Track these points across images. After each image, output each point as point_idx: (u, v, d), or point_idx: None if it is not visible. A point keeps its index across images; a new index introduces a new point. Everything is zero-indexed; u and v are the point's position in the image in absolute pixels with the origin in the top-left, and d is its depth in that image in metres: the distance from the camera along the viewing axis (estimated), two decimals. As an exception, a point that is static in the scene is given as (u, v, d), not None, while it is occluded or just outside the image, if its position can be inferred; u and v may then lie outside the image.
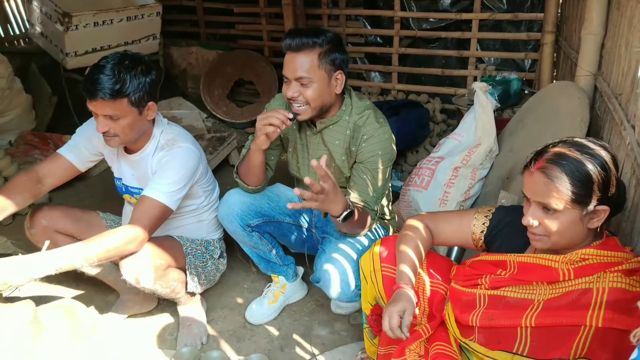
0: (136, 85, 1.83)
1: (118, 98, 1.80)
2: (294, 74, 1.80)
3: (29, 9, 3.78)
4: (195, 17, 4.84)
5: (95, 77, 1.78)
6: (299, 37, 1.78)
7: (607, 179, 1.23)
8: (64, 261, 1.72)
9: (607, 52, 2.05)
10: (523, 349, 1.25)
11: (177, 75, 4.79)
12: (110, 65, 1.80)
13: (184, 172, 1.95)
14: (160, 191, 1.89)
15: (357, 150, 1.92)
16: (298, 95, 1.82)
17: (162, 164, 1.95)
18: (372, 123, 1.91)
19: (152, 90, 1.91)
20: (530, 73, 3.64)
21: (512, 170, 2.29)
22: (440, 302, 1.56)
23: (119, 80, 1.78)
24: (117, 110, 1.82)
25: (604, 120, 1.98)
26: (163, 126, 2.05)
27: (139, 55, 1.92)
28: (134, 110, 1.86)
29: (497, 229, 1.50)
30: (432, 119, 3.81)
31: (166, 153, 1.97)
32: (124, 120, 1.86)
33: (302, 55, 1.78)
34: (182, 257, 2.13)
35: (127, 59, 1.85)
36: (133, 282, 1.91)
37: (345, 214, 1.70)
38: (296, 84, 1.81)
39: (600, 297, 1.18)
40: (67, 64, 3.61)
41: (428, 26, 3.93)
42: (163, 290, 2.03)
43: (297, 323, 2.24)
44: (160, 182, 1.90)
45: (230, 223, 2.09)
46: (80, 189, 3.40)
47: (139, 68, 1.85)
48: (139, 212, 1.87)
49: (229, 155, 3.62)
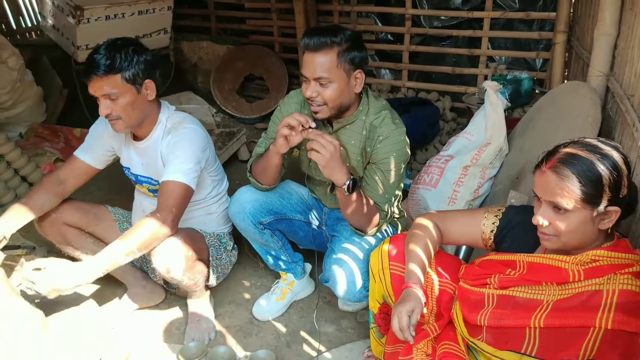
0: (129, 62, 1.86)
1: (111, 73, 1.83)
2: (313, 73, 1.78)
3: (41, 2, 3.81)
4: (206, 11, 4.85)
5: (90, 58, 1.85)
6: (317, 36, 1.76)
7: (619, 180, 1.22)
8: (109, 261, 1.79)
9: (620, 52, 2.03)
10: (531, 349, 1.25)
11: (187, 69, 4.80)
12: (104, 46, 1.87)
13: (193, 150, 1.97)
14: (177, 172, 1.91)
15: (372, 151, 1.91)
16: (317, 96, 1.80)
17: (172, 146, 1.98)
18: (389, 124, 1.89)
19: (148, 69, 1.92)
20: (541, 72, 3.62)
21: (522, 169, 2.28)
22: (448, 301, 1.55)
23: (109, 57, 1.83)
24: (112, 87, 1.85)
25: (615, 122, 1.96)
26: (169, 112, 2.07)
27: (132, 38, 1.98)
28: (130, 87, 1.88)
29: (507, 229, 1.50)
30: (442, 117, 3.79)
31: (174, 135, 1.99)
32: (122, 99, 1.88)
33: (320, 54, 1.76)
34: (206, 249, 2.17)
35: (119, 40, 1.90)
36: (164, 271, 1.94)
37: (349, 182, 1.74)
38: (315, 83, 1.79)
39: (610, 299, 1.18)
40: (79, 57, 3.63)
41: (439, 24, 3.91)
42: (188, 282, 2.05)
43: (304, 320, 2.25)
44: (174, 164, 1.93)
45: (242, 221, 2.09)
46: (89, 182, 3.39)
47: (131, 47, 1.89)
48: (163, 197, 1.90)
49: (238, 151, 3.63)
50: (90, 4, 3.46)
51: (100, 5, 3.51)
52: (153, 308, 2.33)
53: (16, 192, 3.08)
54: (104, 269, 1.78)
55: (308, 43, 1.77)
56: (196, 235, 2.13)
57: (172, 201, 1.88)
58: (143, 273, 2.34)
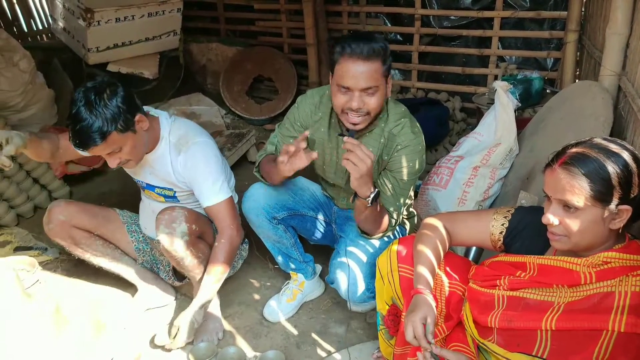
0: (113, 114, 1.80)
1: (107, 137, 1.81)
2: (364, 83, 1.69)
3: (52, 5, 3.84)
4: (215, 13, 4.87)
5: (78, 129, 1.78)
6: (364, 43, 1.68)
7: (630, 178, 1.21)
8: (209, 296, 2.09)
9: (632, 51, 2.00)
10: (543, 351, 1.24)
11: (196, 71, 4.82)
12: (82, 110, 1.77)
13: (212, 166, 2.04)
14: (214, 195, 2.04)
15: (390, 159, 1.90)
16: (363, 106, 1.74)
17: (190, 169, 2.03)
18: (408, 133, 1.87)
19: (130, 106, 1.86)
20: (552, 72, 3.59)
21: (532, 170, 2.26)
22: (457, 302, 1.54)
23: (97, 119, 1.77)
24: (114, 145, 1.85)
25: (627, 121, 1.94)
26: (169, 125, 2.06)
27: (98, 82, 1.86)
28: (127, 134, 1.86)
29: (517, 230, 1.49)
30: (451, 117, 3.78)
31: (187, 157, 2.02)
32: (126, 148, 1.89)
33: (369, 63, 1.69)
34: (211, 232, 2.22)
35: (89, 93, 1.79)
36: (167, 243, 1.99)
37: (374, 195, 1.73)
38: (361, 94, 1.72)
39: (622, 301, 1.16)
40: (89, 60, 3.67)
41: (449, 24, 3.89)
42: (191, 261, 2.08)
43: (314, 320, 2.25)
44: (206, 188, 2.04)
45: (257, 216, 2.11)
46: (100, 184, 3.45)
47: (104, 95, 1.80)
48: (218, 220, 2.08)
49: (248, 152, 3.64)
50: (100, 6, 3.49)
51: (111, 7, 3.54)
52: (163, 308, 2.34)
53: (28, 194, 3.12)
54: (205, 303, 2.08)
55: (357, 51, 1.67)
56: (202, 216, 2.17)
57: (227, 219, 2.07)
58: (153, 274, 2.36)
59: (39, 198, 3.16)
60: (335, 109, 1.80)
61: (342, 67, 1.71)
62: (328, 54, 4.36)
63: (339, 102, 1.76)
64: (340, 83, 1.73)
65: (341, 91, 1.74)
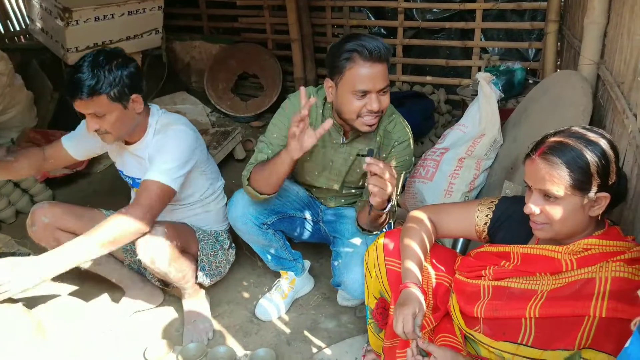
0: (112, 80, 1.82)
1: (95, 96, 1.81)
2: (381, 84, 1.69)
3: (29, 5, 3.77)
4: (197, 10, 4.83)
5: (74, 78, 1.80)
6: (377, 44, 1.66)
7: (607, 166, 1.23)
8: (72, 258, 1.75)
9: (610, 40, 2.03)
10: (527, 339, 1.26)
11: (180, 69, 4.79)
12: (86, 64, 1.81)
13: (180, 151, 1.95)
14: (158, 171, 1.89)
15: (388, 156, 1.90)
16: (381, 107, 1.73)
17: (158, 147, 1.96)
18: (402, 129, 1.91)
19: (133, 83, 1.89)
20: (534, 62, 3.62)
21: (516, 160, 2.28)
22: (444, 293, 1.56)
23: (93, 77, 1.79)
24: (98, 108, 1.83)
25: (606, 109, 1.96)
26: (158, 116, 2.06)
27: (115, 50, 1.92)
28: (117, 105, 1.86)
29: (501, 221, 1.50)
30: (436, 110, 3.80)
31: (161, 136, 1.98)
32: (110, 117, 1.86)
33: (383, 64, 1.69)
34: (195, 244, 2.17)
35: (102, 55, 1.84)
36: (148, 262, 1.94)
37: (390, 206, 1.71)
38: (377, 95, 1.71)
39: (603, 286, 1.18)
40: (69, 60, 3.61)
41: (432, 17, 3.90)
42: (176, 275, 2.04)
43: (304, 316, 2.25)
44: (156, 164, 1.91)
45: (244, 224, 2.06)
46: (84, 186, 3.42)
47: (114, 62, 1.84)
48: (140, 195, 1.88)
49: (234, 150, 3.63)
50: (78, 5, 3.43)
51: (89, 6, 3.48)
52: (151, 310, 2.33)
53: (9, 199, 3.07)
54: (66, 264, 1.74)
55: (375, 52, 1.65)
56: (184, 228, 2.14)
57: (148, 200, 1.85)
58: (141, 276, 2.34)
59: (20, 203, 3.11)
60: (349, 114, 1.76)
61: (358, 72, 1.68)
62: (314, 50, 4.36)
63: (356, 107, 1.72)
64: (357, 88, 1.69)
65: (357, 97, 1.71)
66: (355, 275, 1.91)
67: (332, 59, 1.74)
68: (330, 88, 1.80)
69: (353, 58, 1.68)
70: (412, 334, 1.34)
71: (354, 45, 1.67)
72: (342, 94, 1.75)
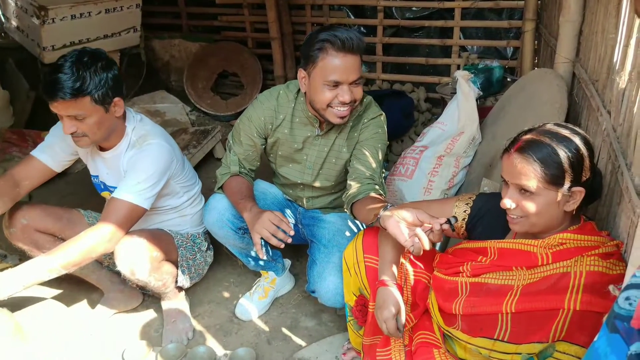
0: (97, 82, 1.77)
1: (79, 97, 1.75)
2: (353, 76, 1.70)
3: (4, 3, 3.70)
4: (176, 8, 4.78)
5: (54, 78, 1.73)
6: (351, 35, 1.67)
7: (581, 162, 1.25)
8: (30, 277, 1.73)
9: (585, 38, 2.06)
10: (504, 334, 1.27)
11: (159, 68, 4.74)
12: (68, 64, 1.75)
13: (154, 169, 1.90)
14: (128, 192, 1.85)
15: (360, 133, 1.92)
16: (353, 98, 1.74)
17: (132, 163, 1.92)
18: (373, 109, 1.94)
19: (116, 86, 1.85)
20: (512, 61, 3.66)
21: (494, 157, 2.30)
22: (423, 291, 1.57)
23: (78, 78, 1.74)
24: (80, 110, 1.78)
25: (581, 107, 1.99)
26: (135, 122, 2.01)
27: (99, 51, 1.87)
28: (99, 108, 1.82)
29: (479, 217, 1.51)
30: (416, 108, 3.81)
31: (136, 151, 1.93)
32: (90, 119, 1.81)
33: (356, 56, 1.70)
34: (174, 250, 2.14)
35: (86, 56, 1.79)
36: (128, 273, 1.91)
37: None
38: (349, 86, 1.72)
39: (577, 280, 1.20)
40: (45, 59, 3.54)
41: (411, 15, 3.92)
42: (156, 283, 2.02)
43: (284, 315, 2.25)
44: (128, 183, 1.87)
45: (221, 229, 2.04)
46: (62, 186, 3.35)
47: (99, 64, 1.79)
48: (108, 213, 1.84)
49: (214, 149, 3.59)
50: (54, 3, 3.37)
51: (65, 4, 3.42)
52: (131, 312, 2.29)
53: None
54: (24, 284, 1.72)
55: (347, 44, 1.66)
56: (162, 236, 2.10)
57: (116, 220, 1.82)
58: (120, 277, 2.30)
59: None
60: (320, 104, 1.77)
61: (330, 62, 1.69)
62: (294, 48, 4.35)
63: (326, 97, 1.74)
64: (329, 78, 1.70)
65: (328, 87, 1.72)
66: (329, 285, 1.87)
67: (306, 49, 1.76)
68: (304, 78, 1.81)
69: (325, 48, 1.68)
70: (397, 334, 1.40)
71: (327, 35, 1.68)
72: (314, 84, 1.76)
